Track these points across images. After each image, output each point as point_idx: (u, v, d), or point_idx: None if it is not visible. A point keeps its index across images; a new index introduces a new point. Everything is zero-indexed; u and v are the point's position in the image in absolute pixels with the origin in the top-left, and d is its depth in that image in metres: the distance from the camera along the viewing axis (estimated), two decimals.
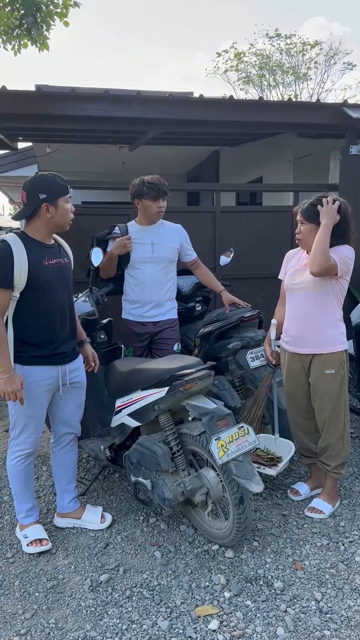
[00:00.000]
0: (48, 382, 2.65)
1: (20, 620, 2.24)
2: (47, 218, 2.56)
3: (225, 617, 2.22)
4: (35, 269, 2.52)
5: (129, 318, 3.64)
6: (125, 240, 3.50)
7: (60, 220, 2.60)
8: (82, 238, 5.10)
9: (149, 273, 3.53)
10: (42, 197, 2.51)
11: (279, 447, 3.26)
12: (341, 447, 2.95)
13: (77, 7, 6.51)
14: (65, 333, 2.71)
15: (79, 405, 2.89)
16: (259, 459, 3.18)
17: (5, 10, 5.99)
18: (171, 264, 3.61)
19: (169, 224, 3.68)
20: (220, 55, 19.08)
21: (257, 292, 5.41)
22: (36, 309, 2.57)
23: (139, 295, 3.57)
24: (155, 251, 3.52)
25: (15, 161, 10.05)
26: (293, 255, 3.11)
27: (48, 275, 2.57)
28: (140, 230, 3.57)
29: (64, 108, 4.88)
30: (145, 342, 3.62)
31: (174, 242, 3.60)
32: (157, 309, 3.57)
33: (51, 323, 2.63)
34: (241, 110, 5.35)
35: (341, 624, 2.17)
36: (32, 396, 2.61)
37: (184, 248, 3.68)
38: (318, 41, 18.33)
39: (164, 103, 5.02)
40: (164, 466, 2.60)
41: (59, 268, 2.64)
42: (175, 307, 3.70)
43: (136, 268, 3.55)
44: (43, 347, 2.61)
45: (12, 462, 2.74)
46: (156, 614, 2.24)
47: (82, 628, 2.18)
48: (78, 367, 2.83)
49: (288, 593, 2.35)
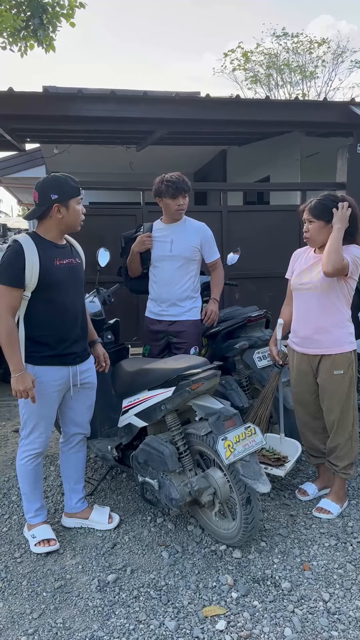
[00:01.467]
0: (59, 382, 2.65)
1: (28, 619, 2.25)
2: (58, 218, 2.57)
3: (232, 617, 2.21)
4: (47, 268, 2.53)
5: (148, 316, 3.65)
6: (145, 237, 3.50)
7: (71, 221, 2.61)
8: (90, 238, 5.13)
9: (167, 271, 3.52)
10: (54, 198, 2.52)
11: (284, 446, 3.25)
12: (350, 448, 2.93)
13: (82, 8, 6.53)
14: (77, 333, 2.71)
15: (89, 406, 2.89)
16: (266, 459, 3.16)
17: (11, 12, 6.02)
18: (190, 263, 3.54)
19: (192, 222, 3.62)
20: (227, 55, 19.06)
21: (265, 291, 5.41)
22: (47, 308, 2.58)
23: (157, 293, 3.57)
24: (174, 249, 3.49)
25: (23, 162, 10.11)
26: (300, 254, 3.09)
27: (59, 275, 2.58)
28: (163, 229, 3.56)
29: (71, 109, 4.91)
30: (161, 342, 3.60)
31: (193, 240, 3.53)
32: (173, 308, 3.53)
33: (62, 322, 2.63)
34: (248, 109, 5.35)
35: (349, 625, 2.15)
36: (43, 396, 2.62)
37: (206, 247, 3.59)
38: (325, 39, 18.26)
39: (170, 103, 5.03)
40: (171, 466, 2.60)
41: (70, 268, 2.65)
42: (196, 308, 3.60)
43: (156, 266, 3.56)
44: (54, 346, 2.62)
45: (22, 462, 2.75)
46: (163, 614, 2.24)
47: (89, 628, 2.18)
48: (89, 367, 2.83)
49: (296, 593, 2.34)
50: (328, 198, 2.83)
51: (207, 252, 3.62)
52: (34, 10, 5.97)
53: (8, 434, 4.34)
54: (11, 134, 5.64)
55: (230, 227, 5.66)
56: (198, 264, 3.61)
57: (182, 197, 3.43)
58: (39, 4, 5.97)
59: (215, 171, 10.08)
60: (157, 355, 3.59)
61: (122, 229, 4.13)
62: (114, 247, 3.84)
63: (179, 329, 3.53)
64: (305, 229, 2.90)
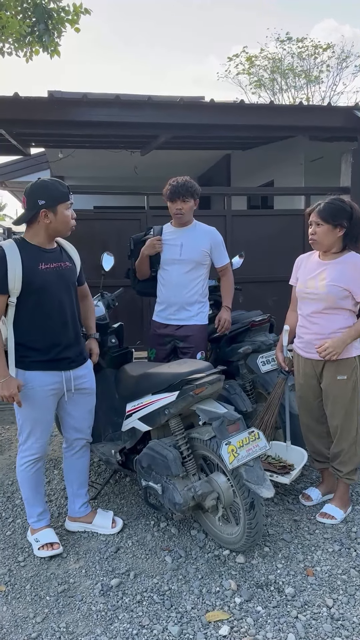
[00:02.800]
0: (52, 388, 2.63)
1: (31, 623, 2.25)
2: (46, 224, 2.55)
3: (235, 622, 2.21)
4: (30, 274, 2.51)
5: (156, 319, 3.65)
6: (155, 241, 3.50)
7: (60, 226, 2.59)
8: (94, 242, 5.15)
9: (175, 274, 3.52)
10: (41, 203, 2.50)
11: (290, 454, 3.23)
12: (354, 453, 2.93)
13: (88, 14, 6.57)
14: (68, 337, 2.67)
15: (89, 412, 2.87)
16: (271, 467, 3.15)
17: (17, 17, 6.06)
18: (199, 267, 3.54)
19: (203, 226, 3.62)
20: (231, 60, 19.11)
21: (269, 296, 5.41)
22: (34, 313, 2.56)
23: (165, 296, 3.57)
24: (183, 253, 3.49)
25: (28, 167, 10.18)
26: (303, 260, 3.08)
27: (44, 280, 2.55)
28: (173, 232, 3.57)
29: (76, 114, 4.94)
30: (168, 346, 3.59)
31: (203, 244, 3.52)
32: (181, 312, 3.53)
33: (51, 327, 2.60)
34: (252, 114, 5.37)
35: (353, 631, 2.14)
36: (36, 401, 2.61)
37: (215, 252, 3.58)
38: (330, 44, 18.30)
39: (175, 108, 5.04)
40: (175, 470, 2.60)
41: (58, 272, 2.62)
42: (204, 313, 3.59)
43: (165, 269, 3.56)
44: (45, 352, 2.60)
45: (22, 468, 2.75)
46: (167, 619, 2.24)
47: (92, 632, 2.18)
48: (86, 372, 2.80)
49: (299, 599, 2.33)
50: (336, 201, 2.83)
51: (217, 256, 3.61)
52: (39, 16, 6.01)
53: (12, 438, 4.35)
54: (16, 139, 5.66)
55: (234, 231, 5.67)
56: (207, 268, 3.61)
57: (180, 201, 3.43)
58: (44, 10, 6.02)
59: (219, 175, 10.10)
60: (163, 359, 3.59)
61: (127, 233, 4.15)
62: (119, 251, 3.86)
63: (186, 333, 3.53)
64: (311, 231, 2.88)
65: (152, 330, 3.68)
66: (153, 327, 3.66)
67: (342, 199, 2.85)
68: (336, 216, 2.78)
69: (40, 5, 6.02)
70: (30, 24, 6.25)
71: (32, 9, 6.10)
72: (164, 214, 3.59)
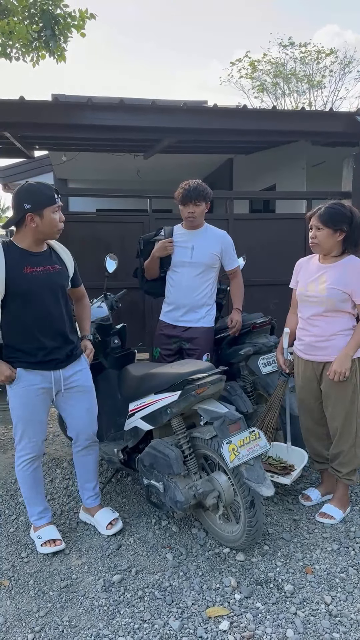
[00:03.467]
0: (40, 387, 2.66)
1: (35, 617, 2.29)
2: (33, 227, 2.56)
3: (235, 618, 2.25)
4: (14, 277, 2.53)
5: (164, 320, 3.69)
6: (167, 243, 3.54)
7: (47, 229, 2.59)
8: (97, 244, 5.20)
9: (186, 277, 3.56)
10: (27, 207, 2.52)
11: (291, 455, 3.27)
12: (353, 454, 2.97)
13: (93, 19, 6.65)
14: (55, 340, 2.68)
15: (87, 409, 2.86)
16: (272, 468, 3.19)
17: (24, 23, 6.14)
18: (210, 270, 3.59)
19: (214, 229, 3.68)
20: (234, 64, 19.22)
21: (270, 299, 5.45)
22: (19, 316, 2.59)
23: (175, 298, 3.61)
24: (194, 256, 3.54)
25: (32, 169, 10.23)
26: (303, 264, 3.13)
27: (30, 283, 2.57)
28: (184, 234, 3.61)
29: (81, 117, 4.98)
30: (174, 347, 3.64)
31: (214, 248, 3.58)
32: (190, 314, 3.58)
33: (36, 331, 2.62)
34: (255, 119, 5.41)
35: (351, 627, 2.18)
36: (26, 400, 2.65)
37: (226, 255, 3.65)
38: (333, 49, 18.39)
39: (178, 112, 5.09)
40: (176, 469, 2.64)
41: (45, 275, 2.63)
42: (211, 315, 3.65)
43: (175, 271, 3.60)
44: (32, 354, 2.63)
45: (19, 467, 2.79)
46: (167, 614, 2.28)
47: (94, 626, 2.22)
48: (77, 370, 2.79)
49: (298, 596, 2.37)
50: (337, 206, 2.87)
51: (227, 260, 3.67)
52: (46, 22, 6.10)
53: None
54: (21, 141, 5.71)
55: (236, 235, 5.68)
56: (217, 271, 3.66)
57: (192, 204, 3.47)
58: (51, 16, 6.10)
59: (222, 179, 10.16)
60: (167, 359, 3.63)
61: (130, 235, 4.20)
62: (122, 254, 3.90)
63: (193, 335, 3.58)
64: (312, 235, 2.93)
65: (158, 329, 3.72)
66: (160, 327, 3.70)
67: (343, 204, 2.90)
68: (336, 220, 2.82)
69: (48, 11, 6.11)
70: (38, 29, 6.32)
71: (39, 15, 6.18)
72: (166, 217, 3.64)
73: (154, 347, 3.74)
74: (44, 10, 6.12)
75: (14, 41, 6.13)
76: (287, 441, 3.30)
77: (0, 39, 6.09)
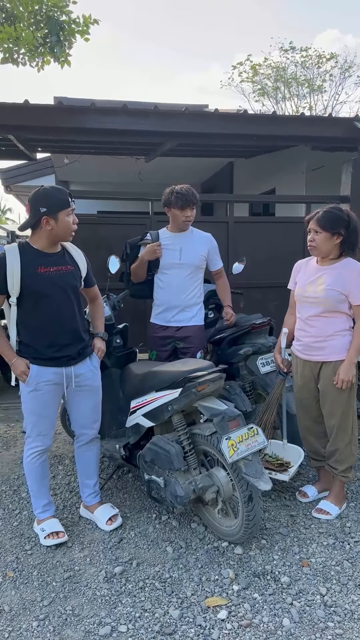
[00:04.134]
0: (53, 383, 2.76)
1: (39, 606, 2.37)
2: (48, 230, 2.68)
3: (233, 608, 2.32)
4: (28, 276, 2.64)
5: (155, 322, 3.78)
6: (155, 246, 3.63)
7: (61, 232, 2.71)
8: (99, 246, 5.28)
9: (176, 278, 3.66)
10: (43, 211, 2.63)
11: (287, 452, 3.35)
12: (349, 452, 3.04)
13: (97, 24, 6.76)
14: (67, 337, 2.78)
15: (92, 408, 2.96)
16: (269, 465, 3.26)
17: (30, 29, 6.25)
18: (198, 271, 3.72)
19: (199, 232, 3.79)
20: (235, 68, 19.33)
21: (270, 300, 5.53)
22: (33, 314, 2.70)
23: (166, 299, 3.70)
24: (183, 257, 3.64)
25: (34, 171, 10.30)
26: (302, 265, 3.21)
27: (43, 283, 2.68)
28: (171, 237, 3.70)
29: (84, 121, 5.08)
30: (168, 347, 3.73)
31: (202, 249, 3.69)
32: (182, 314, 3.68)
33: (48, 328, 2.73)
34: (255, 124, 5.51)
35: (345, 617, 2.26)
36: (38, 395, 2.75)
37: (212, 256, 3.78)
38: (334, 54, 18.51)
39: (180, 117, 5.18)
40: (177, 464, 2.71)
41: (59, 275, 2.73)
42: (201, 314, 3.77)
43: (164, 273, 3.69)
44: (43, 351, 2.73)
45: (27, 460, 2.88)
46: (168, 604, 2.35)
47: (97, 615, 2.29)
48: (87, 370, 2.89)
49: (294, 587, 2.45)
50: (334, 210, 2.96)
51: (213, 261, 3.80)
52: (51, 28, 6.22)
53: (17, 435, 4.47)
54: (24, 144, 5.80)
55: (236, 238, 5.80)
56: (203, 272, 3.79)
57: (189, 209, 3.58)
58: (56, 22, 6.22)
59: (222, 182, 10.25)
60: (164, 360, 3.70)
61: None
62: None
63: (186, 334, 3.67)
64: (310, 238, 3.01)
65: (152, 332, 3.81)
66: (153, 330, 3.80)
67: (340, 208, 2.98)
68: (334, 224, 2.91)
69: (53, 18, 6.23)
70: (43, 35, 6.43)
71: (44, 21, 6.30)
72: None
73: (150, 350, 3.82)
74: (50, 16, 6.26)
75: (20, 46, 6.24)
76: (283, 439, 3.37)
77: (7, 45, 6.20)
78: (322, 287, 2.96)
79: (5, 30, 6.17)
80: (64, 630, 2.22)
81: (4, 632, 2.22)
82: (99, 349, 3.01)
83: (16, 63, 6.61)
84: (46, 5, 6.21)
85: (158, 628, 2.21)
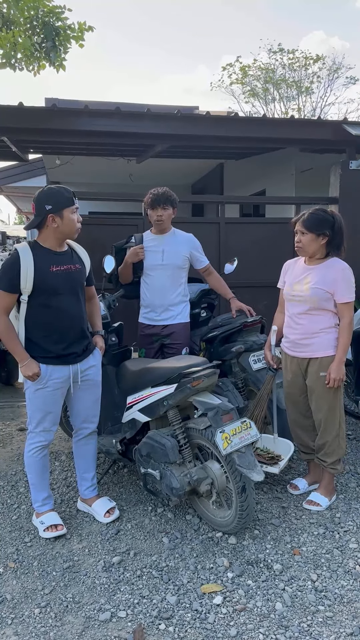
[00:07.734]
0: (60, 380, 2.85)
1: (40, 595, 2.44)
2: (54, 228, 2.77)
3: (228, 594, 2.42)
4: (41, 275, 2.73)
5: (142, 321, 3.90)
6: (138, 249, 3.75)
7: (67, 229, 2.80)
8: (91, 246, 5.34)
9: (159, 279, 3.78)
10: (48, 209, 2.72)
11: (278, 446, 3.45)
12: (337, 445, 3.15)
13: (91, 30, 6.89)
14: (74, 335, 2.89)
15: (94, 401, 3.08)
16: (261, 458, 3.36)
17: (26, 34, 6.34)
18: (181, 271, 3.84)
19: (181, 233, 3.91)
20: (225, 69, 19.48)
21: (260, 300, 5.62)
22: (44, 312, 2.79)
23: (151, 299, 3.82)
24: (165, 258, 3.76)
25: (25, 172, 10.32)
26: (290, 265, 3.32)
27: (55, 281, 2.77)
28: (153, 239, 3.83)
29: (77, 123, 5.15)
30: (156, 345, 3.86)
31: (183, 250, 3.82)
32: (166, 313, 3.81)
33: (58, 325, 2.82)
34: (246, 127, 5.61)
35: (334, 601, 2.36)
36: (46, 393, 2.83)
37: (195, 256, 3.90)
38: (321, 56, 18.71)
39: (173, 119, 5.26)
40: (172, 458, 2.80)
41: (68, 274, 2.84)
42: (186, 312, 3.90)
43: (148, 274, 3.81)
44: (51, 348, 2.82)
45: (29, 454, 2.95)
46: (165, 591, 2.44)
47: (97, 602, 2.38)
48: (91, 365, 3.00)
49: (286, 574, 2.55)
50: (320, 212, 3.07)
51: (197, 259, 3.92)
52: (47, 34, 6.33)
53: (13, 432, 4.53)
54: (16, 145, 5.85)
55: (227, 238, 5.88)
56: (187, 271, 3.91)
57: (160, 208, 3.70)
58: (52, 28, 6.32)
59: (213, 184, 10.34)
60: (152, 357, 3.83)
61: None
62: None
63: (171, 331, 3.81)
64: (297, 239, 3.12)
65: (139, 331, 3.94)
66: (140, 328, 3.93)
67: (325, 210, 3.10)
68: (319, 226, 3.02)
69: (49, 24, 6.34)
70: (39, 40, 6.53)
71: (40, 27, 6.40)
72: None
73: (139, 348, 3.93)
74: (46, 22, 6.37)
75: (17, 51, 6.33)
76: (274, 433, 3.47)
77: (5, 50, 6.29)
78: (308, 285, 3.07)
79: (3, 35, 6.28)
80: (65, 617, 2.30)
81: (6, 619, 2.29)
82: (100, 346, 3.10)
83: (14, 68, 6.70)
84: (42, 12, 6.32)
85: (156, 613, 2.30)
